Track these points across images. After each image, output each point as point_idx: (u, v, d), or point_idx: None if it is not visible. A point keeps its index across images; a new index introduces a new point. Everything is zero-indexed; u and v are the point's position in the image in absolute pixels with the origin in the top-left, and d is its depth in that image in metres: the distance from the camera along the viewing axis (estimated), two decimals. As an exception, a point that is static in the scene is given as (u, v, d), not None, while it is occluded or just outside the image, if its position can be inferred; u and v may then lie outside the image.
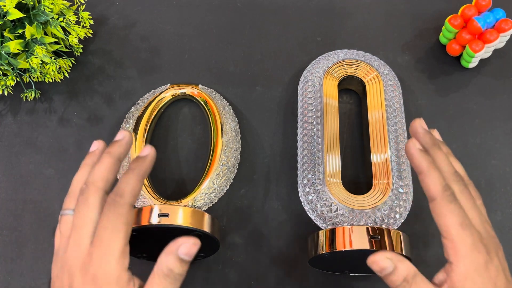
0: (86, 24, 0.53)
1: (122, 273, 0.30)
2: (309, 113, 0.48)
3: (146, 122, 0.50)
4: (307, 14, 0.59)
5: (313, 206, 0.44)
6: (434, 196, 0.32)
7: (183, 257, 0.31)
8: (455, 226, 0.31)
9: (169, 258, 0.31)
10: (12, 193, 0.50)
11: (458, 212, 0.31)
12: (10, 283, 0.46)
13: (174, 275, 0.31)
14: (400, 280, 0.31)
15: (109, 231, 0.30)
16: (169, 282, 0.31)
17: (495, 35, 0.51)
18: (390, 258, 0.32)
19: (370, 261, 0.32)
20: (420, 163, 0.33)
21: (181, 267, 0.31)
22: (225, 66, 0.56)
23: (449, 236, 0.31)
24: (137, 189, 0.32)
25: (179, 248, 0.31)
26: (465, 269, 0.30)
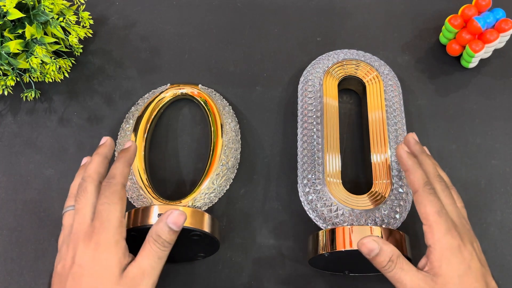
0: (86, 24, 0.53)
1: (120, 240, 0.35)
2: (309, 113, 0.48)
3: (146, 122, 0.50)
4: (307, 14, 0.59)
5: (313, 206, 0.44)
6: (417, 188, 0.37)
7: (171, 226, 0.36)
8: (433, 214, 0.36)
9: (158, 226, 0.36)
10: (12, 193, 0.50)
11: (436, 202, 0.36)
12: (10, 283, 0.46)
13: (162, 241, 0.36)
14: (386, 260, 0.36)
15: (106, 206, 0.36)
16: (157, 247, 0.36)
17: (495, 35, 0.51)
18: (376, 241, 0.36)
19: (359, 244, 0.37)
20: (406, 162, 0.39)
21: (169, 234, 0.36)
22: (225, 66, 0.56)
23: (427, 222, 0.36)
24: (126, 172, 0.38)
25: (168, 217, 0.36)
26: (440, 250, 0.35)
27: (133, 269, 0.35)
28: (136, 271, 0.35)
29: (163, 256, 0.36)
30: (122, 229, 0.36)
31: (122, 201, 0.36)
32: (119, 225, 0.35)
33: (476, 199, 0.48)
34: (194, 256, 0.45)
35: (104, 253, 0.34)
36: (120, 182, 0.37)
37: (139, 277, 0.34)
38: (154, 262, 0.35)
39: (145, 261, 0.35)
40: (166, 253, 0.36)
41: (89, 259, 0.34)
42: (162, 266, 0.36)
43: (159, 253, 0.36)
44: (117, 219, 0.35)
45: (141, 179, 0.46)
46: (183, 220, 0.36)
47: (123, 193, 0.37)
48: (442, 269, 0.34)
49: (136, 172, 0.46)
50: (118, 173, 0.38)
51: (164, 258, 0.36)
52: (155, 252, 0.35)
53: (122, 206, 0.36)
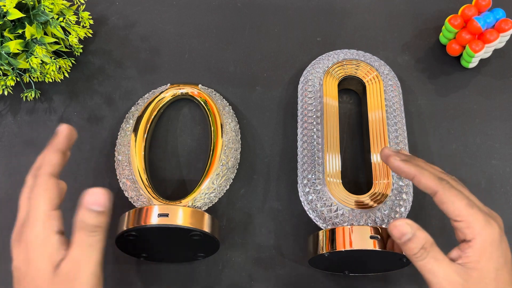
0: (86, 24, 0.53)
1: (49, 235, 0.32)
2: (309, 113, 0.48)
3: (146, 122, 0.50)
4: (307, 14, 0.59)
5: (313, 206, 0.44)
6: (435, 189, 0.34)
7: (92, 207, 0.32)
8: (464, 207, 0.33)
9: (79, 212, 0.32)
10: (12, 193, 0.50)
11: (461, 195, 0.34)
12: (10, 283, 0.46)
13: (88, 226, 0.32)
14: (418, 247, 0.33)
15: (32, 200, 0.33)
16: (85, 234, 0.32)
17: (495, 35, 0.51)
18: (410, 225, 0.33)
19: (390, 226, 0.34)
20: (409, 169, 0.36)
21: (93, 218, 0.32)
22: (225, 66, 0.56)
23: (460, 217, 0.33)
24: (54, 160, 0.35)
25: (85, 200, 0.32)
26: (482, 244, 0.32)
27: (66, 264, 0.32)
28: (70, 265, 0.32)
29: (94, 242, 0.33)
30: (51, 222, 0.33)
31: (48, 192, 0.33)
32: (46, 219, 0.33)
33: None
34: (194, 256, 0.45)
35: (33, 252, 0.32)
36: (46, 172, 0.34)
37: (74, 270, 0.32)
38: (86, 251, 0.32)
39: (76, 252, 0.32)
40: (97, 239, 0.33)
41: (22, 260, 0.33)
42: (98, 252, 0.33)
43: (88, 240, 0.32)
44: (43, 213, 0.33)
45: (141, 179, 0.46)
46: (104, 196, 0.32)
47: (51, 183, 0.34)
48: (481, 264, 0.32)
49: (136, 172, 0.46)
50: (44, 162, 0.35)
51: (97, 243, 0.33)
52: (83, 241, 0.32)
53: (51, 197, 0.33)
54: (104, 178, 0.50)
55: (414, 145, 0.50)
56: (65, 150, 0.36)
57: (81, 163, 0.51)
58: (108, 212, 0.33)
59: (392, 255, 0.39)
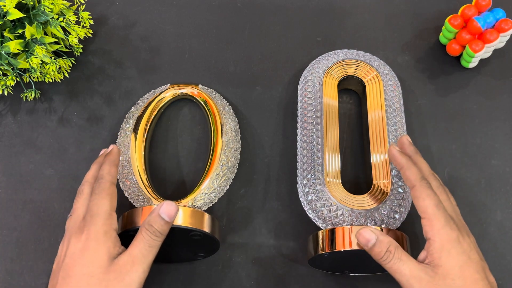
0: (86, 24, 0.53)
1: (110, 230, 0.37)
2: (309, 113, 0.48)
3: (146, 122, 0.50)
4: (307, 14, 0.59)
5: (312, 206, 0.44)
6: (413, 183, 0.38)
7: (163, 216, 0.37)
8: (431, 206, 0.36)
9: (151, 216, 0.38)
10: (12, 193, 0.50)
11: (433, 196, 0.37)
12: (10, 283, 0.46)
13: (154, 230, 0.37)
14: (383, 251, 0.36)
15: (96, 201, 0.38)
16: (149, 236, 0.37)
17: (495, 35, 0.51)
18: (373, 231, 0.37)
19: (356, 234, 0.37)
20: (400, 160, 0.40)
21: (161, 224, 0.37)
22: (225, 66, 0.56)
23: (426, 215, 0.36)
24: (113, 171, 0.41)
25: (160, 208, 0.37)
26: (440, 241, 0.35)
27: (123, 257, 0.36)
28: (126, 259, 0.36)
29: (154, 245, 0.37)
30: (111, 221, 0.38)
31: (111, 197, 0.39)
32: (108, 217, 0.37)
33: (476, 199, 0.48)
34: (194, 256, 0.45)
35: (93, 242, 0.36)
36: (108, 180, 0.40)
37: (129, 264, 0.36)
38: (145, 249, 0.36)
39: (136, 249, 0.36)
40: (157, 243, 0.37)
41: (79, 250, 0.36)
42: (153, 255, 0.37)
43: (150, 241, 0.37)
44: (106, 212, 0.38)
45: (141, 179, 0.46)
46: (175, 211, 0.38)
47: (112, 189, 0.39)
48: (442, 260, 0.35)
49: (136, 172, 0.46)
50: (105, 173, 0.40)
51: (156, 248, 0.37)
52: (146, 241, 0.36)
53: (112, 201, 0.39)
54: (104, 178, 0.50)
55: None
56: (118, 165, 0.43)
57: (81, 163, 0.51)
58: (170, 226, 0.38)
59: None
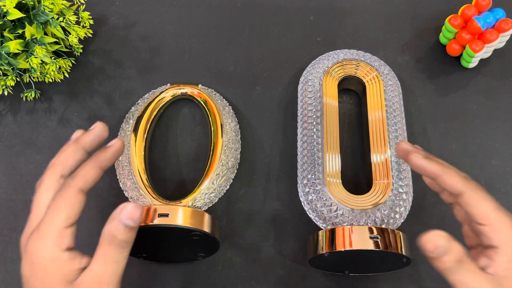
0: (86, 24, 0.53)
1: (58, 254, 0.30)
2: (309, 113, 0.48)
3: (146, 122, 0.50)
4: (307, 14, 0.59)
5: (313, 206, 0.44)
6: (461, 189, 0.32)
7: (126, 222, 0.30)
8: (492, 210, 0.31)
9: (111, 224, 0.31)
10: (12, 193, 0.50)
11: (490, 197, 0.32)
12: (10, 283, 0.46)
13: (118, 242, 0.30)
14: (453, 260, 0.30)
15: (50, 210, 0.30)
16: (113, 250, 0.30)
17: (495, 35, 0.51)
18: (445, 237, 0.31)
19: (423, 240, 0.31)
20: (433, 168, 0.34)
21: (125, 233, 0.30)
22: (225, 66, 0.56)
23: (488, 221, 0.31)
24: (90, 175, 0.32)
25: (121, 213, 0.30)
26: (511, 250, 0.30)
27: (86, 279, 0.30)
28: (90, 281, 0.30)
29: (121, 259, 0.31)
30: (61, 240, 0.30)
31: (70, 208, 0.31)
32: (58, 236, 0.30)
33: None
34: (194, 256, 0.45)
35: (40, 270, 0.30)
36: (77, 185, 0.31)
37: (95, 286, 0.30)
38: (111, 267, 0.30)
39: (100, 268, 0.30)
40: (125, 255, 0.31)
41: (29, 273, 0.30)
42: (121, 270, 0.31)
43: (116, 255, 0.30)
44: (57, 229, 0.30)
45: (141, 179, 0.46)
46: (140, 213, 0.31)
47: (76, 199, 0.31)
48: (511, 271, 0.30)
49: (136, 172, 0.46)
50: (79, 175, 0.32)
51: (123, 260, 0.31)
52: (110, 256, 0.30)
53: (69, 214, 0.31)
54: (104, 178, 0.49)
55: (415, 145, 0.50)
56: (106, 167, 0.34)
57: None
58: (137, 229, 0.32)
59: (392, 255, 0.39)
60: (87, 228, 0.36)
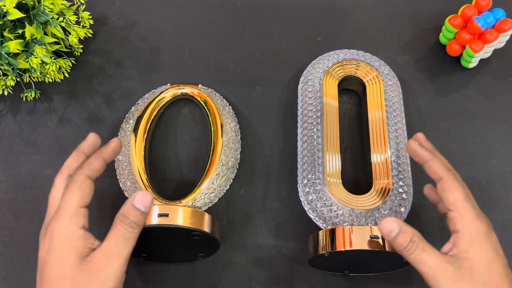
0: (86, 24, 0.53)
1: (74, 230, 0.34)
2: (309, 113, 0.48)
3: (146, 122, 0.50)
4: (307, 14, 0.59)
5: (313, 206, 0.44)
6: (441, 175, 0.37)
7: (138, 206, 0.35)
8: (461, 199, 0.35)
9: (124, 207, 0.35)
10: (12, 193, 0.50)
11: (462, 188, 0.36)
12: (10, 283, 0.46)
13: (129, 222, 0.35)
14: (407, 240, 0.34)
15: (64, 196, 0.35)
16: (124, 228, 0.34)
17: (495, 35, 0.51)
18: (396, 221, 0.35)
19: (378, 225, 0.36)
20: (423, 154, 0.38)
21: (136, 215, 0.35)
22: (225, 66, 0.56)
23: (455, 207, 0.35)
24: (95, 164, 0.38)
25: (134, 198, 0.35)
26: (470, 235, 0.34)
27: (97, 253, 0.34)
28: (100, 255, 0.34)
29: (130, 237, 0.35)
30: (77, 219, 0.35)
31: (81, 191, 0.35)
32: (74, 215, 0.34)
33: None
34: (194, 256, 0.45)
35: (58, 244, 0.34)
36: (85, 172, 0.36)
37: (104, 260, 0.33)
38: (120, 243, 0.34)
39: (110, 243, 0.34)
40: (134, 235, 0.35)
41: (46, 251, 0.34)
42: (130, 249, 0.35)
43: (126, 234, 0.34)
44: (71, 208, 0.35)
45: (141, 179, 0.46)
46: (150, 200, 0.35)
47: (85, 184, 0.36)
48: (470, 254, 0.34)
49: (136, 172, 0.46)
50: (86, 164, 0.37)
51: (132, 240, 0.35)
52: (121, 233, 0.34)
53: (81, 196, 0.35)
54: (104, 178, 0.50)
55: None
56: (108, 160, 0.39)
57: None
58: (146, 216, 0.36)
59: (392, 255, 0.39)
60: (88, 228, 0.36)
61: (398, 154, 0.45)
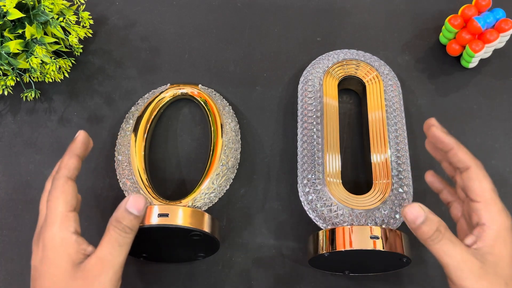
0: (86, 24, 0.53)
1: (66, 236, 0.34)
2: (309, 113, 0.48)
3: (146, 122, 0.50)
4: (307, 14, 0.59)
5: (313, 206, 0.44)
6: (469, 164, 0.35)
7: (131, 210, 0.34)
8: (489, 190, 0.34)
9: (117, 212, 0.35)
10: (12, 193, 0.50)
11: (489, 179, 0.35)
12: (10, 283, 0.46)
13: (123, 227, 0.34)
14: (433, 229, 0.33)
15: (49, 202, 0.35)
16: (117, 233, 0.34)
17: (495, 35, 0.51)
18: (423, 208, 0.33)
19: (403, 211, 0.34)
20: (449, 141, 0.36)
21: (130, 220, 0.34)
22: (225, 66, 0.56)
23: (482, 199, 0.34)
24: (70, 163, 0.36)
25: (127, 202, 0.35)
26: (497, 229, 0.33)
27: (91, 260, 0.33)
28: (94, 262, 0.33)
29: (124, 243, 0.34)
30: (68, 223, 0.34)
31: (65, 195, 0.35)
32: (63, 220, 0.34)
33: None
34: (194, 256, 0.45)
35: (51, 252, 0.33)
36: (63, 175, 0.36)
37: (98, 268, 0.33)
38: (114, 249, 0.34)
39: (104, 250, 0.34)
40: (128, 240, 0.34)
41: (39, 261, 0.33)
42: (125, 255, 0.34)
43: (119, 239, 0.34)
44: (60, 214, 0.34)
45: (141, 179, 0.46)
46: (144, 204, 0.35)
47: (67, 186, 0.35)
48: (496, 248, 0.33)
49: (136, 172, 0.46)
50: (61, 165, 0.36)
51: (127, 246, 0.34)
52: (115, 239, 0.34)
53: (66, 200, 0.35)
54: (104, 178, 0.50)
55: (414, 145, 0.50)
56: (82, 155, 0.38)
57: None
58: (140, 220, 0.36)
59: (392, 255, 0.39)
60: (88, 228, 0.37)
61: (398, 154, 0.45)
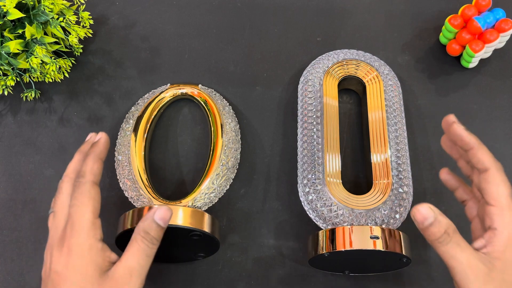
0: (86, 24, 0.53)
1: (93, 243, 0.34)
2: (309, 113, 0.48)
3: (146, 122, 0.50)
4: (307, 14, 0.59)
5: (313, 206, 0.44)
6: (488, 166, 0.34)
7: (158, 221, 0.35)
8: (506, 195, 0.33)
9: (145, 222, 0.35)
10: (12, 193, 0.50)
11: (508, 183, 0.34)
12: (10, 283, 0.46)
13: (150, 238, 0.35)
14: (441, 231, 0.32)
15: (76, 208, 0.34)
16: (145, 245, 0.34)
17: (495, 35, 0.51)
18: (432, 209, 0.33)
19: (413, 211, 0.33)
20: (470, 139, 0.35)
21: (156, 231, 0.35)
22: (225, 66, 0.56)
23: (498, 203, 0.33)
24: (95, 168, 0.37)
25: (155, 214, 0.35)
26: (508, 235, 0.32)
27: (119, 269, 0.34)
28: (122, 271, 0.33)
29: (151, 254, 0.35)
30: (95, 231, 0.34)
31: (93, 201, 0.35)
32: (91, 228, 0.34)
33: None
34: (194, 256, 0.45)
35: (78, 259, 0.33)
36: (90, 180, 0.36)
37: (126, 277, 0.33)
38: (143, 260, 0.34)
39: (133, 260, 0.34)
40: (154, 251, 0.35)
41: (63, 266, 0.33)
42: (149, 264, 0.35)
43: (147, 250, 0.35)
44: (88, 221, 0.34)
45: (141, 179, 0.46)
46: (170, 216, 0.36)
47: (93, 192, 0.35)
48: (506, 254, 0.32)
49: (136, 172, 0.46)
50: (87, 171, 0.36)
51: (152, 256, 0.35)
52: (143, 250, 0.34)
53: (94, 206, 0.35)
54: (104, 178, 0.50)
55: (414, 145, 0.50)
56: (104, 158, 0.38)
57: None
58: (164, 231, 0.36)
59: (392, 255, 0.39)
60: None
61: (398, 154, 0.45)
